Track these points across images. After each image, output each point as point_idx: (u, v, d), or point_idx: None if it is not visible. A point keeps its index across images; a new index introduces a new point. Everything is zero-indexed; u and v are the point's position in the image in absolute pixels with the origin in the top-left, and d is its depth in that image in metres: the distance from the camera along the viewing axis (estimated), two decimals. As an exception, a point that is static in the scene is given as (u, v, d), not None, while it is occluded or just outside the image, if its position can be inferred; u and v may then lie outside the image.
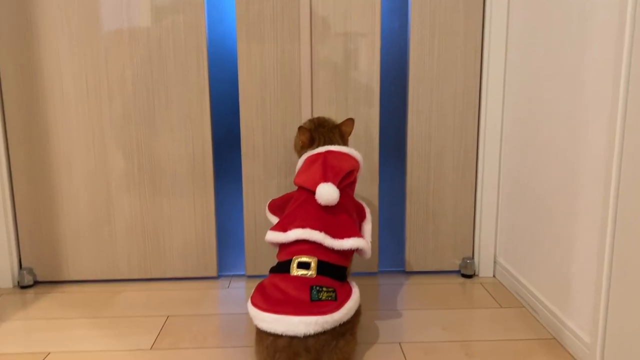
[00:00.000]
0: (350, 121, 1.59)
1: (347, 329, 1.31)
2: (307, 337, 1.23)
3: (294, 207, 1.45)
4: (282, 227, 1.41)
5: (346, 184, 1.47)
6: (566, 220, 1.43)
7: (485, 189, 1.90)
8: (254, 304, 1.31)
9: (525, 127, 1.68)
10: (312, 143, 1.56)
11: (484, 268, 1.96)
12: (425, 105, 1.88)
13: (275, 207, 1.59)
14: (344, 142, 1.59)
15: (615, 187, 1.19)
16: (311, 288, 1.28)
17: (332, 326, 1.26)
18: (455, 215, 1.95)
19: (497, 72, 1.82)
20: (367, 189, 1.91)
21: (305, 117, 1.84)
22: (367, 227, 1.51)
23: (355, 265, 1.92)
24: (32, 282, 1.89)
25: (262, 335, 1.28)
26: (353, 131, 1.65)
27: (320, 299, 1.27)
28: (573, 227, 1.40)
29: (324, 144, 1.54)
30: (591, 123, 1.31)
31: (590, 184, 1.31)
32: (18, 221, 1.87)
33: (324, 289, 1.29)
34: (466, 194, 1.94)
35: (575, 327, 1.38)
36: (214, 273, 1.95)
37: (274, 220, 1.54)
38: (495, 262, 1.94)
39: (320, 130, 1.56)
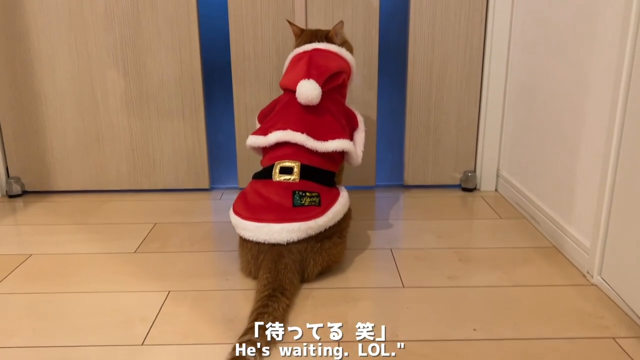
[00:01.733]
0: (340, 23, 1.45)
1: (333, 231, 1.25)
2: (289, 243, 1.18)
3: (277, 110, 1.37)
4: (263, 130, 1.33)
5: (333, 86, 1.37)
6: (573, 124, 1.33)
7: (490, 98, 1.78)
8: (236, 212, 1.25)
9: (536, 26, 1.54)
10: (300, 32, 1.48)
11: (485, 181, 1.87)
12: (429, 5, 1.73)
13: (263, 116, 1.49)
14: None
15: (625, 87, 1.08)
16: (293, 193, 1.21)
17: (317, 232, 1.20)
18: (458, 127, 1.85)
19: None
20: (364, 98, 1.80)
21: (299, 18, 1.71)
22: (360, 135, 1.42)
23: (350, 180, 1.85)
24: (20, 191, 1.85)
25: (245, 239, 1.23)
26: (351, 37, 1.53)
27: (302, 204, 1.20)
28: (580, 130, 1.30)
29: (310, 40, 1.43)
30: (604, 19, 1.18)
31: (600, 84, 1.20)
32: (2, 129, 1.81)
33: (307, 194, 1.22)
34: (470, 104, 1.82)
35: (575, 233, 1.31)
36: (206, 185, 1.89)
37: None
38: (497, 175, 1.85)
39: (306, 31, 1.49)
